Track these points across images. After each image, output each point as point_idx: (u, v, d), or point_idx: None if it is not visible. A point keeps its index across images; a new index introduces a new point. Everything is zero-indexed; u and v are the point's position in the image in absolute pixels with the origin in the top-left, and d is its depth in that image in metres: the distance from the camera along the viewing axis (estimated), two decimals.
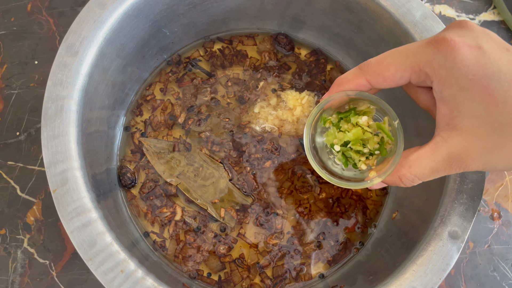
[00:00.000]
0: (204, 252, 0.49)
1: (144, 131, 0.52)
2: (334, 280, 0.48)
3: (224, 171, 0.51)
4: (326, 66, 0.57)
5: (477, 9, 0.63)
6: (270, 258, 0.49)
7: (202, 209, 0.50)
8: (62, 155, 0.38)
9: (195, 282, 0.48)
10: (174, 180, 0.50)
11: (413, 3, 0.44)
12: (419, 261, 0.38)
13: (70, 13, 0.59)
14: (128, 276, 0.36)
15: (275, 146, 0.52)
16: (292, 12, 0.54)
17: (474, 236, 0.54)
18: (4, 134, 0.54)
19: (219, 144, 0.52)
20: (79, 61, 0.41)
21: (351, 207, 0.52)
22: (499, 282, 0.52)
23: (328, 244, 0.50)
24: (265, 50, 0.56)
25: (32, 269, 0.50)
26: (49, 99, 0.39)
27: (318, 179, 0.52)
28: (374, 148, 0.36)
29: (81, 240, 0.36)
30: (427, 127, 0.46)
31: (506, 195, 0.55)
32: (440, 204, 0.40)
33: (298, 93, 0.53)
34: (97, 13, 0.42)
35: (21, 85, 0.56)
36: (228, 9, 0.53)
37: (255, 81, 0.55)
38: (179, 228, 0.49)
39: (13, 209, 0.52)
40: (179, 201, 0.50)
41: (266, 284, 0.48)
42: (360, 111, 0.37)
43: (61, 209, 0.37)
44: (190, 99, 0.54)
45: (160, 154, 0.51)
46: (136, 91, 0.54)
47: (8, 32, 0.58)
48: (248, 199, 0.50)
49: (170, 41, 0.54)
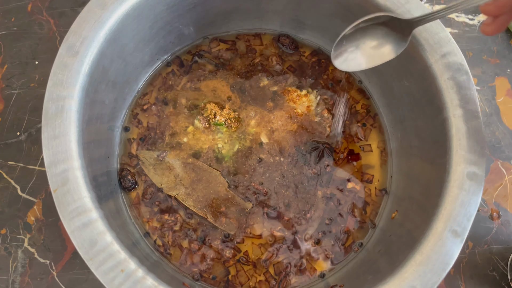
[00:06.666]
0: (208, 260, 0.49)
1: (143, 137, 0.53)
2: (335, 279, 0.49)
3: (222, 178, 0.51)
4: (328, 65, 0.57)
5: (476, 10, 0.63)
6: (272, 250, 0.49)
7: (203, 218, 0.50)
8: (62, 155, 0.38)
9: (197, 283, 0.48)
10: (172, 191, 0.50)
11: (412, 3, 0.44)
12: (418, 260, 0.38)
13: (71, 13, 0.59)
14: (129, 275, 0.36)
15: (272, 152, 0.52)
16: (293, 13, 0.54)
17: (473, 236, 0.54)
18: (4, 134, 0.54)
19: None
20: (80, 61, 0.41)
21: (349, 206, 0.52)
22: (498, 282, 0.52)
23: (328, 243, 0.50)
24: (271, 54, 0.56)
25: (33, 268, 0.50)
26: (49, 99, 0.39)
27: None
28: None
29: (81, 240, 0.36)
30: (427, 127, 0.46)
31: (505, 195, 0.55)
32: (439, 204, 0.40)
33: (301, 91, 0.54)
34: (97, 13, 0.42)
35: (21, 85, 0.56)
36: (228, 9, 0.53)
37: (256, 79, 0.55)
38: (180, 238, 0.49)
39: (14, 209, 0.52)
40: (181, 212, 0.50)
41: (270, 284, 0.48)
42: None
43: (62, 208, 0.37)
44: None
45: (156, 166, 0.51)
46: (136, 91, 0.54)
47: (8, 33, 0.58)
48: (248, 205, 0.50)
49: (170, 41, 0.54)
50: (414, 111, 0.49)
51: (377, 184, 0.53)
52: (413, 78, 0.47)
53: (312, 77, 0.56)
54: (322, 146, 0.53)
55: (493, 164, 0.56)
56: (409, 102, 0.49)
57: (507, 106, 0.58)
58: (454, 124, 0.42)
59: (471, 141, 0.41)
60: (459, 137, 0.41)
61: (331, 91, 0.56)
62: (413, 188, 0.48)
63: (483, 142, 0.41)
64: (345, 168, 0.53)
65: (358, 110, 0.55)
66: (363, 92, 0.56)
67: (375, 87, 0.55)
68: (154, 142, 0.52)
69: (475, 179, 0.40)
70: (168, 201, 0.51)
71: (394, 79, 0.51)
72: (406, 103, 0.50)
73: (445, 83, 0.43)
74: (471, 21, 0.62)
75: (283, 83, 0.55)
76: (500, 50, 0.61)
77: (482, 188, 0.40)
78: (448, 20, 0.62)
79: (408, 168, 0.51)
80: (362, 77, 0.57)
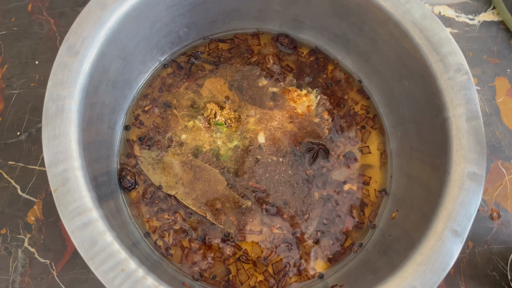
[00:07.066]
0: (209, 259, 0.49)
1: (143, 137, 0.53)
2: (334, 279, 0.49)
3: (221, 177, 0.51)
4: (327, 64, 0.57)
5: (476, 10, 0.63)
6: (271, 248, 0.49)
7: (203, 217, 0.50)
8: (63, 154, 0.38)
9: (197, 283, 0.48)
10: (172, 190, 0.50)
11: (412, 3, 0.44)
12: (418, 260, 0.38)
13: (71, 13, 0.59)
14: (129, 275, 0.36)
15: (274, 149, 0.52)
16: (292, 13, 0.54)
17: (473, 236, 0.54)
18: (4, 134, 0.54)
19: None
20: (80, 61, 0.41)
21: (348, 206, 0.52)
22: (498, 282, 0.52)
23: (327, 243, 0.50)
24: (269, 53, 0.56)
25: (33, 268, 0.50)
26: (49, 99, 0.39)
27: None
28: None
29: (81, 240, 0.36)
30: (427, 127, 0.46)
31: (506, 195, 0.55)
32: (439, 204, 0.40)
33: (301, 90, 0.54)
34: (97, 13, 0.42)
35: (21, 85, 0.56)
36: (228, 9, 0.54)
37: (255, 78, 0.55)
38: (180, 237, 0.49)
39: (14, 208, 0.52)
40: (181, 211, 0.50)
41: (270, 282, 0.48)
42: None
43: (62, 208, 0.37)
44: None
45: (155, 165, 0.51)
46: (137, 91, 0.54)
47: (8, 32, 0.58)
48: (247, 203, 0.50)
49: (170, 41, 0.54)
50: (414, 111, 0.49)
51: (377, 184, 0.53)
52: (413, 78, 0.47)
53: (311, 76, 0.56)
54: (317, 147, 0.53)
55: (493, 164, 0.56)
56: (409, 102, 0.49)
57: (507, 106, 0.58)
58: (454, 124, 0.42)
59: (471, 141, 0.41)
60: (459, 137, 0.41)
61: (331, 91, 0.56)
62: (413, 188, 0.48)
63: (483, 142, 0.41)
64: (343, 169, 0.53)
65: (357, 112, 0.55)
66: (363, 93, 0.56)
67: (375, 87, 0.55)
68: (153, 142, 0.52)
69: (475, 179, 0.40)
70: (168, 200, 0.51)
71: (394, 79, 0.51)
72: (406, 103, 0.50)
73: (445, 83, 0.43)
74: (471, 21, 0.62)
75: (282, 83, 0.55)
76: (500, 50, 0.61)
77: (482, 188, 0.40)
78: (448, 20, 0.62)
79: (408, 168, 0.51)
80: (362, 77, 0.57)
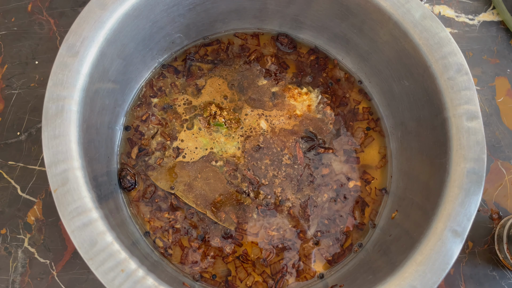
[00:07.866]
0: (209, 258, 0.49)
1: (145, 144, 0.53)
2: (334, 279, 0.49)
3: (221, 174, 0.51)
4: (327, 63, 0.57)
5: (476, 10, 0.63)
6: (270, 248, 0.49)
7: (203, 215, 0.50)
8: (62, 155, 0.38)
9: (197, 283, 0.48)
10: (171, 188, 0.50)
11: (412, 3, 0.44)
12: (418, 260, 0.38)
13: (71, 13, 0.59)
14: (129, 275, 0.36)
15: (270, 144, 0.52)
16: (292, 13, 0.54)
17: (473, 236, 0.54)
18: (4, 134, 0.54)
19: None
20: (80, 61, 0.41)
21: (349, 206, 0.52)
22: (498, 282, 0.52)
23: (327, 244, 0.50)
24: (269, 53, 0.56)
25: (33, 268, 0.50)
26: (49, 99, 0.39)
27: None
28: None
29: (81, 240, 0.36)
30: (427, 126, 0.46)
31: (505, 195, 0.55)
32: (439, 204, 0.40)
33: (301, 89, 0.54)
34: (97, 13, 0.42)
35: (21, 85, 0.56)
36: (228, 9, 0.54)
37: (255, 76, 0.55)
38: (180, 236, 0.49)
39: (14, 208, 0.52)
40: (181, 210, 0.50)
41: (268, 284, 0.48)
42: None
43: (62, 208, 0.37)
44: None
45: (154, 164, 0.51)
46: (137, 91, 0.54)
47: (8, 32, 0.58)
48: (247, 200, 0.50)
49: (170, 41, 0.54)
50: (414, 111, 0.49)
51: (377, 184, 0.53)
52: (413, 78, 0.47)
53: (311, 75, 0.56)
54: (317, 141, 0.52)
55: (493, 164, 0.56)
56: (409, 102, 0.49)
57: (507, 106, 0.58)
58: (454, 124, 0.42)
59: (471, 141, 0.41)
60: (459, 137, 0.41)
61: (332, 90, 0.56)
62: (413, 188, 0.48)
63: (483, 142, 0.41)
64: (344, 168, 0.53)
65: (359, 111, 0.55)
66: (364, 93, 0.56)
67: (375, 87, 0.55)
68: (153, 142, 0.52)
69: (475, 179, 0.40)
70: (168, 199, 0.51)
71: (394, 79, 0.51)
72: (406, 103, 0.50)
73: (445, 83, 0.43)
74: (471, 21, 0.62)
75: (282, 82, 0.55)
76: (500, 50, 0.61)
77: (482, 188, 0.40)
78: (448, 20, 0.62)
79: (408, 168, 0.51)
80: (362, 77, 0.57)
